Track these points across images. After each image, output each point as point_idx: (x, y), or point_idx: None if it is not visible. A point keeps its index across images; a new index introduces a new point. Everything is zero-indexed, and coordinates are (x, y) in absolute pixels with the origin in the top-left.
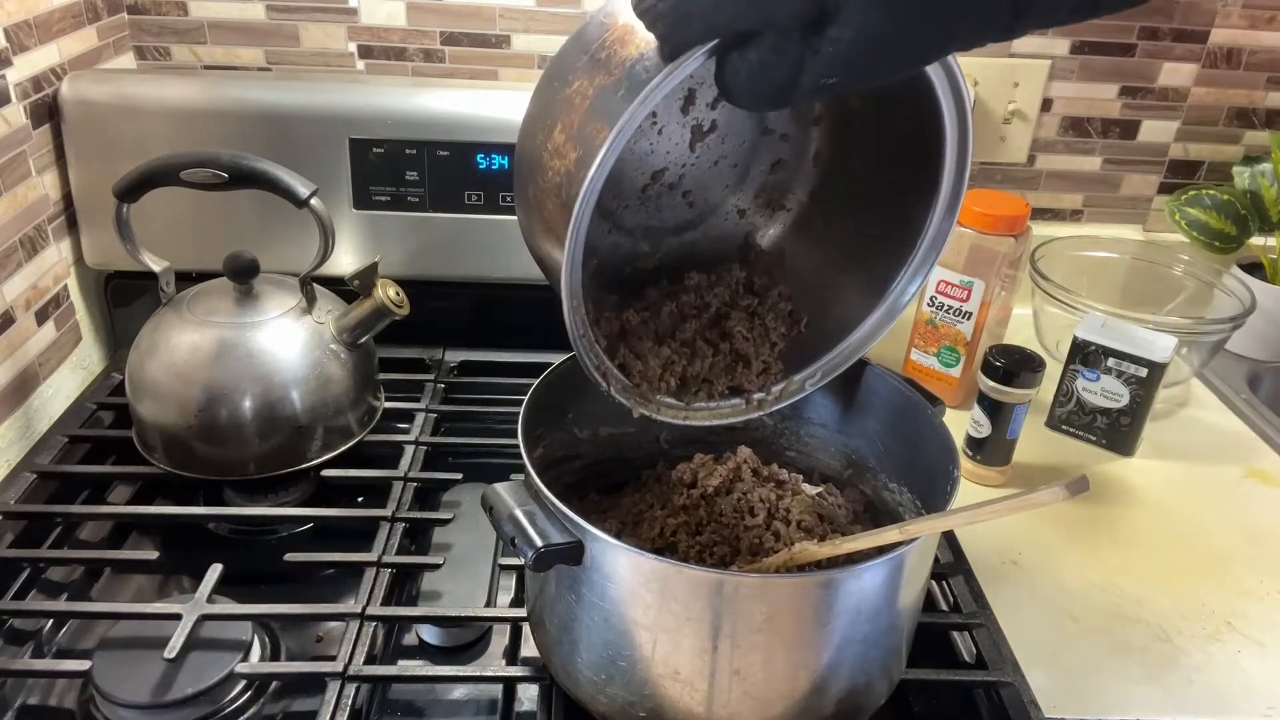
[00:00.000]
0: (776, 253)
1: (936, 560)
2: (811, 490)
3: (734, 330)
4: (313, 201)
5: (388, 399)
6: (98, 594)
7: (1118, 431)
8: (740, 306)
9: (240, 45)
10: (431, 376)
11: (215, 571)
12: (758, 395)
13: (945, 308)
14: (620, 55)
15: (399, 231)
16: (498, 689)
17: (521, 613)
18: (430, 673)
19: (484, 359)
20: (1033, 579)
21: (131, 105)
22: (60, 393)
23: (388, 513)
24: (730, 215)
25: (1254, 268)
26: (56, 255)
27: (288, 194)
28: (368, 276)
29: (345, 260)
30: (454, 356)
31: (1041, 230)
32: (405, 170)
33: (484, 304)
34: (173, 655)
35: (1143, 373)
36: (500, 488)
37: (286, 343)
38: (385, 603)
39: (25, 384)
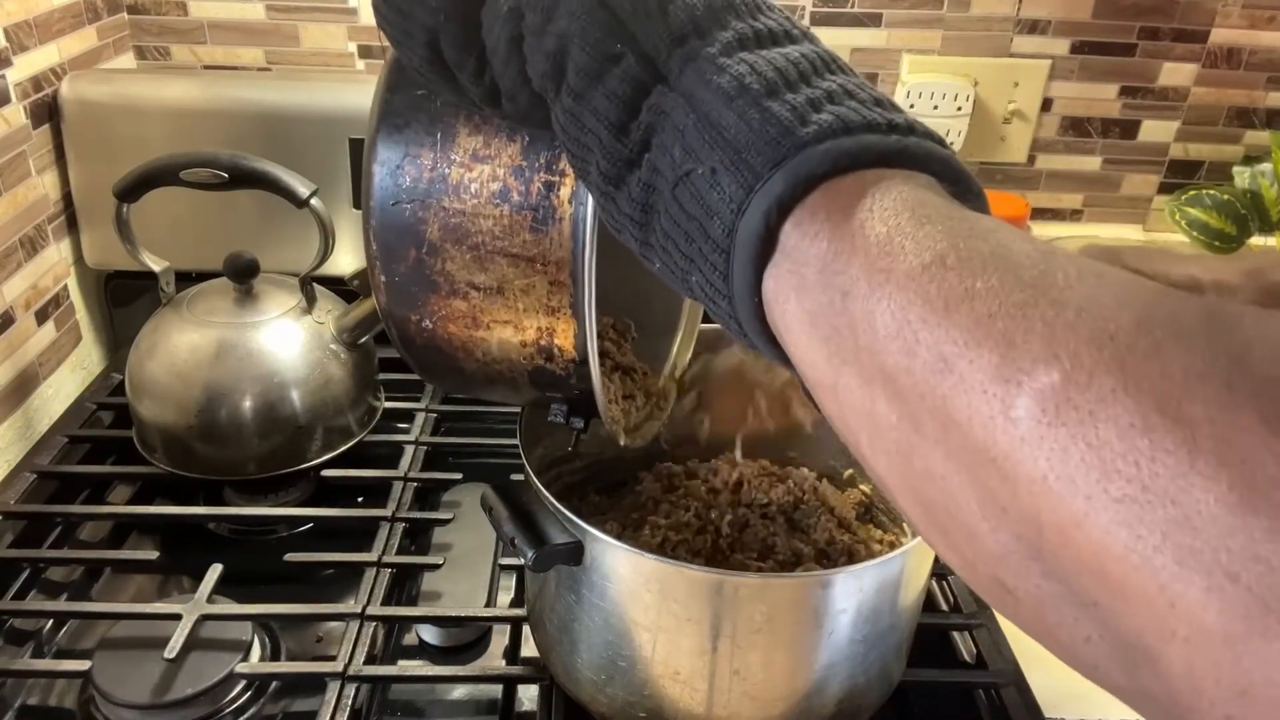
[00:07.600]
0: None
1: (937, 560)
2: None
3: (603, 349)
4: (313, 201)
5: (388, 399)
6: (98, 594)
7: None
8: None
9: (240, 45)
10: None
11: (215, 571)
12: (659, 399)
13: None
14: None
15: None
16: (498, 689)
17: (521, 613)
18: (430, 673)
19: None
20: None
21: (131, 105)
22: (60, 393)
23: (388, 513)
24: None
25: None
26: (56, 255)
27: (288, 194)
28: (368, 276)
29: (345, 260)
30: None
31: (1041, 230)
32: None
33: None
34: (173, 655)
35: None
36: (500, 488)
37: (286, 343)
38: (385, 603)
39: (25, 384)
